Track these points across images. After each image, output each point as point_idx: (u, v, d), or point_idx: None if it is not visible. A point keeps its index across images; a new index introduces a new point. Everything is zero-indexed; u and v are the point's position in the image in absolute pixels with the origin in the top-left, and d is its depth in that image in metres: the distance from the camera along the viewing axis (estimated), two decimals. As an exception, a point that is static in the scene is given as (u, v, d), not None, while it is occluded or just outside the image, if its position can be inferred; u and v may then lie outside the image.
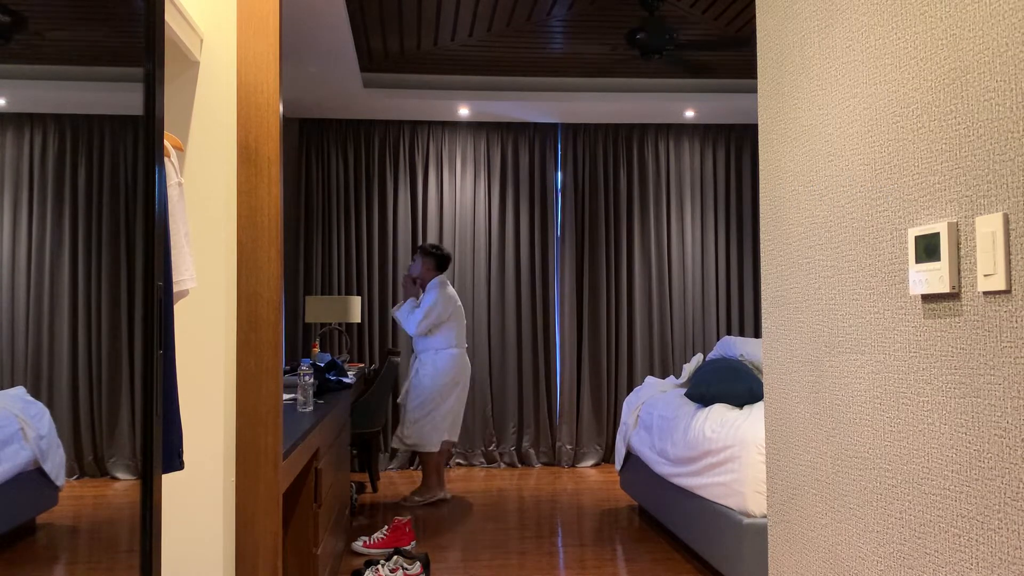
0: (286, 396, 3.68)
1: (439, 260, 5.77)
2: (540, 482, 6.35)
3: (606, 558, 4.24)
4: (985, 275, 1.31)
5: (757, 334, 7.15)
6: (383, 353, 6.83)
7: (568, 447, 7.00)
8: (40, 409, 1.35)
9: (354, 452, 6.55)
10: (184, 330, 2.16)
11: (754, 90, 6.55)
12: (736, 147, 7.31)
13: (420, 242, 6.99)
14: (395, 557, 3.81)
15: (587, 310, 7.10)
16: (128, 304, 1.65)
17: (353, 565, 4.15)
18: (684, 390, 4.66)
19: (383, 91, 6.37)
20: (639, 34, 4.78)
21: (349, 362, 6.60)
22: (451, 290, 5.74)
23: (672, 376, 5.79)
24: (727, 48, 5.58)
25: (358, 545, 4.43)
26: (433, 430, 5.58)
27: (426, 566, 3.89)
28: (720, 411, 3.91)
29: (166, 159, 1.90)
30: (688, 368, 4.97)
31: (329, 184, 6.97)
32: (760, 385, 3.92)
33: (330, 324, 6.68)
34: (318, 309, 6.21)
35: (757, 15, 2.17)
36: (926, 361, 1.46)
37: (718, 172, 7.30)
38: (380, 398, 5.84)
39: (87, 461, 1.50)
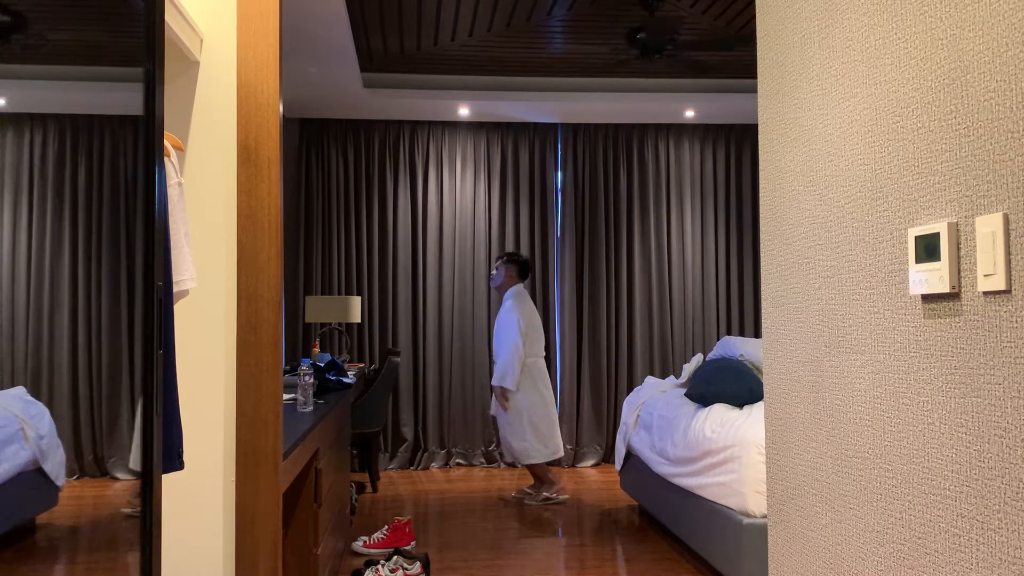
0: (286, 396, 3.68)
1: (521, 267, 5.78)
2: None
3: (606, 558, 4.24)
4: (985, 275, 1.31)
5: (757, 334, 7.15)
6: (383, 353, 6.83)
7: (568, 447, 7.00)
8: (40, 409, 1.35)
9: (354, 452, 6.55)
10: (184, 330, 2.16)
11: (754, 90, 6.54)
12: (736, 147, 7.31)
13: (420, 242, 7.00)
14: (395, 557, 3.81)
15: (587, 310, 7.11)
16: (128, 304, 1.65)
17: (353, 565, 4.15)
18: (684, 390, 4.66)
19: (383, 91, 6.37)
20: (639, 34, 4.78)
21: (349, 362, 6.60)
22: (528, 299, 5.75)
23: (672, 376, 5.79)
24: (727, 47, 5.58)
25: (358, 545, 4.43)
26: (523, 441, 5.56)
27: (426, 566, 3.89)
28: (720, 411, 3.91)
29: (166, 159, 1.90)
30: (688, 368, 4.97)
31: (329, 184, 6.97)
32: (760, 385, 3.92)
33: (330, 324, 6.68)
34: (318, 309, 6.20)
35: (757, 15, 2.17)
36: (926, 361, 1.46)
37: (718, 172, 7.30)
38: (380, 398, 5.84)
39: (87, 461, 1.50)
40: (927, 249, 1.44)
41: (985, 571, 1.33)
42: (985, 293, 1.32)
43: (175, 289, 1.95)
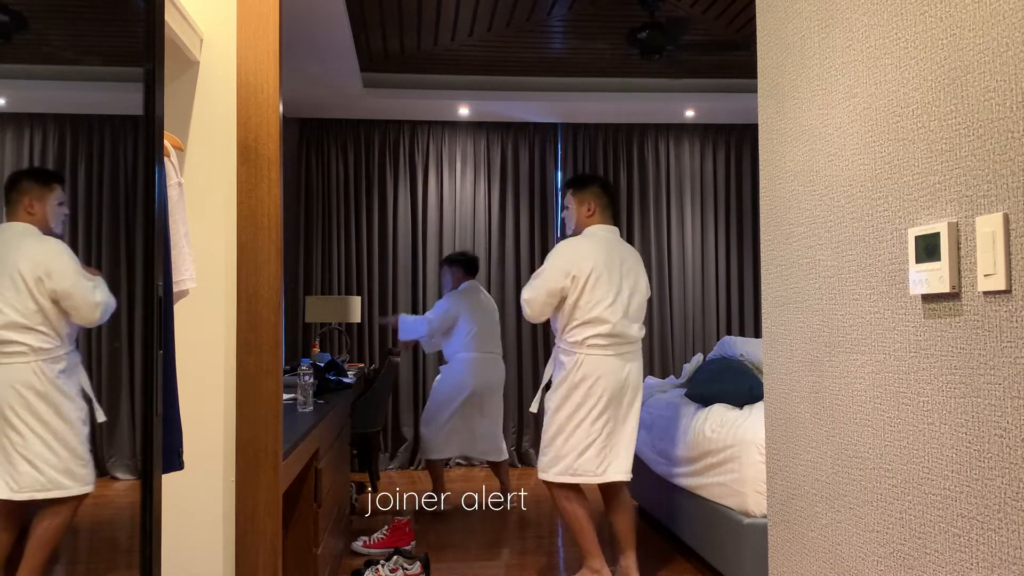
0: (286, 396, 3.67)
1: (466, 265, 5.66)
2: (540, 482, 6.33)
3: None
4: (985, 275, 1.31)
5: (757, 334, 7.14)
6: (383, 353, 6.83)
7: (568, 447, 6.99)
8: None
9: (354, 452, 6.54)
10: (184, 330, 2.16)
11: (754, 90, 6.52)
12: (736, 147, 7.31)
13: (420, 242, 6.99)
14: (395, 557, 3.82)
15: (587, 310, 7.09)
16: (128, 304, 1.65)
17: (353, 565, 4.15)
18: (684, 390, 4.66)
19: (383, 91, 6.36)
20: (640, 34, 4.78)
21: (349, 362, 6.60)
22: (474, 294, 5.61)
23: (672, 376, 5.79)
24: (727, 50, 5.58)
25: (358, 545, 4.43)
26: (431, 439, 5.57)
27: (426, 566, 3.89)
28: (720, 411, 3.91)
29: (166, 159, 1.90)
30: (688, 368, 4.97)
31: (329, 184, 6.97)
32: (760, 385, 3.92)
33: (330, 324, 6.68)
34: (318, 309, 6.20)
35: (757, 15, 2.17)
36: (926, 361, 1.46)
37: (718, 172, 7.30)
38: (380, 398, 5.83)
39: (87, 461, 1.50)
40: (927, 249, 1.43)
41: (985, 571, 1.33)
42: (985, 293, 1.32)
43: (175, 289, 1.95)
